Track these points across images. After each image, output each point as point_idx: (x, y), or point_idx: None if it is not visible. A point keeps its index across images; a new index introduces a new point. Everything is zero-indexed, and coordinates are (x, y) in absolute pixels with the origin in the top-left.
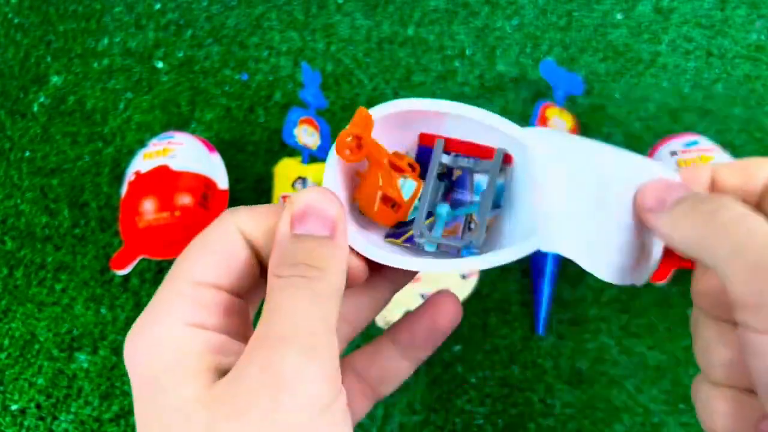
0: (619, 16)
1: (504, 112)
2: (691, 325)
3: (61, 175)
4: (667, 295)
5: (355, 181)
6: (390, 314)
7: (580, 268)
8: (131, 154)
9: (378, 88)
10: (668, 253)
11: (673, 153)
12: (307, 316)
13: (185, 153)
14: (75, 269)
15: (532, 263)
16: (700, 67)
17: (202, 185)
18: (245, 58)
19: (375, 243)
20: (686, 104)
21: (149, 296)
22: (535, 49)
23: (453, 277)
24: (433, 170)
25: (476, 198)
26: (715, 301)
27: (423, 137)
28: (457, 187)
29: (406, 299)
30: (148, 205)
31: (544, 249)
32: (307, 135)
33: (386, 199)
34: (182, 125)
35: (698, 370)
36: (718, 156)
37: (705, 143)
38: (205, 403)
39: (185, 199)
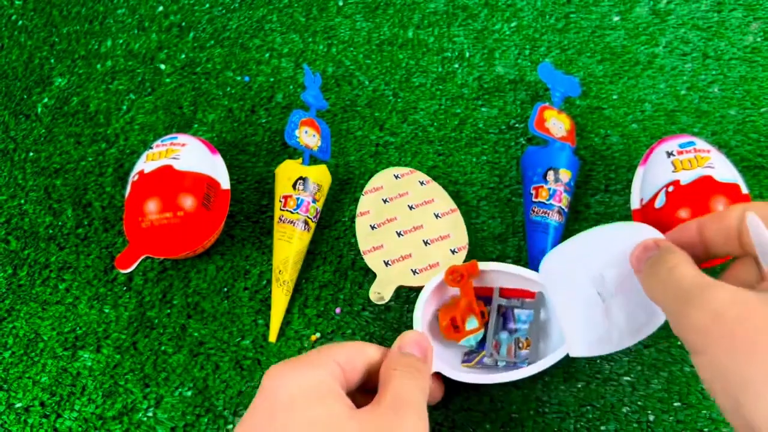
0: (616, 19)
1: (502, 114)
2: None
3: (65, 176)
4: None
5: (441, 301)
6: (383, 290)
7: None
8: (134, 155)
9: (378, 89)
10: None
11: (670, 154)
12: (417, 394)
13: (188, 154)
14: (78, 269)
15: (530, 261)
16: (696, 69)
17: (204, 186)
18: (247, 60)
19: (453, 366)
20: (682, 106)
21: (152, 295)
22: (533, 51)
23: (441, 254)
24: (495, 309)
25: (518, 326)
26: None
27: (481, 290)
28: (504, 320)
29: (399, 276)
30: (152, 206)
31: (572, 355)
32: (308, 136)
33: (454, 320)
34: (185, 126)
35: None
36: (714, 157)
37: (701, 144)
38: (353, 420)
39: (188, 200)
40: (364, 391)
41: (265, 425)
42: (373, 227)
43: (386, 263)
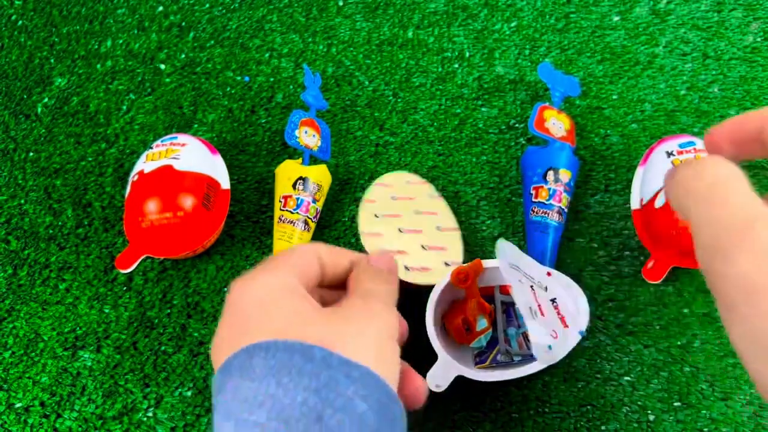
0: (616, 19)
1: (502, 114)
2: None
3: (65, 176)
4: (663, 294)
5: (442, 307)
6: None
7: (577, 267)
8: (134, 154)
9: (378, 89)
10: (662, 253)
11: (669, 153)
12: (387, 295)
13: (188, 154)
14: (78, 269)
15: None
16: (696, 69)
17: (204, 185)
18: (247, 60)
19: (467, 366)
20: (682, 106)
21: (152, 295)
22: (533, 52)
23: (435, 261)
24: (499, 306)
25: (521, 321)
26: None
27: (482, 289)
28: (508, 317)
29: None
30: (152, 206)
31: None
32: (308, 136)
33: (465, 321)
34: (185, 126)
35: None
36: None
37: (701, 144)
38: (321, 313)
39: (188, 200)
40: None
41: (239, 328)
42: (377, 216)
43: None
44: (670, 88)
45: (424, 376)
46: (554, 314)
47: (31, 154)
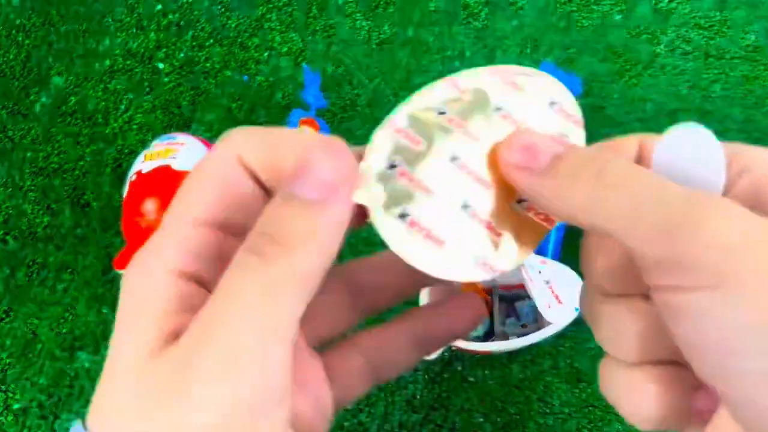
0: (617, 18)
1: None
2: (587, 310)
3: (63, 176)
4: None
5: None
6: None
7: (580, 266)
8: (132, 154)
9: (378, 89)
10: None
11: None
12: (248, 316)
13: (187, 154)
14: (77, 269)
15: None
16: (698, 68)
17: None
18: (246, 59)
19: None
20: (685, 105)
21: None
22: (535, 50)
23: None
24: (496, 300)
25: (523, 320)
26: (619, 275)
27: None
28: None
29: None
30: (150, 206)
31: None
32: None
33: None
34: (183, 126)
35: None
36: None
37: None
38: (141, 372)
39: None
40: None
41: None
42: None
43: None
44: (672, 87)
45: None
46: (549, 293)
47: (29, 153)
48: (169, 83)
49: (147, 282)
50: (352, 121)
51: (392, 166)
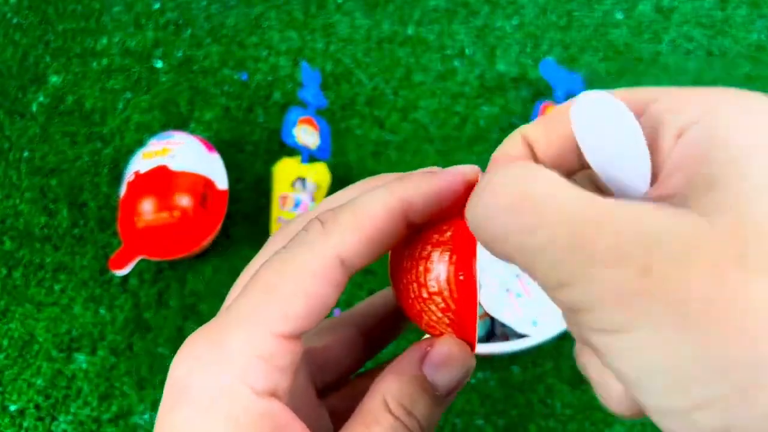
0: (619, 16)
1: (504, 112)
2: (578, 363)
3: (60, 175)
4: None
5: None
6: None
7: None
8: (130, 154)
9: (378, 87)
10: None
11: None
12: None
13: (184, 153)
14: (74, 269)
15: None
16: (700, 67)
17: (201, 185)
18: (244, 57)
19: None
20: None
21: (148, 297)
22: (536, 49)
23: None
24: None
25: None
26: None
27: None
28: None
29: None
30: (147, 206)
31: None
32: (306, 134)
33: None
34: (181, 125)
35: None
36: None
37: None
38: None
39: (184, 200)
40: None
41: None
42: None
43: None
44: (674, 86)
45: None
46: (543, 295)
47: (26, 153)
48: (166, 82)
49: (234, 410)
50: (352, 120)
51: None
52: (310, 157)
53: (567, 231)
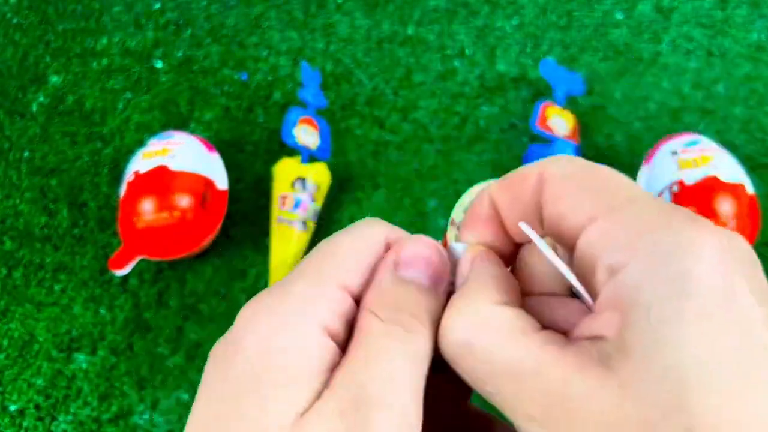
0: (619, 16)
1: (504, 112)
2: None
3: (60, 175)
4: None
5: None
6: None
7: None
8: (130, 154)
9: (378, 87)
10: None
11: (674, 153)
12: (400, 372)
13: (184, 153)
14: (74, 269)
15: None
16: (700, 67)
17: (201, 185)
18: (244, 57)
19: None
20: (687, 104)
21: (148, 297)
22: (536, 49)
23: None
24: None
25: None
26: None
27: None
28: None
29: None
30: (147, 206)
31: None
32: (306, 134)
33: None
34: (181, 125)
35: None
36: (718, 156)
37: (705, 143)
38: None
39: (184, 200)
40: None
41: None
42: None
43: None
44: (674, 86)
45: None
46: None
47: (26, 153)
48: (167, 82)
49: (301, 339)
50: (352, 120)
51: None
52: (310, 157)
53: (511, 388)
